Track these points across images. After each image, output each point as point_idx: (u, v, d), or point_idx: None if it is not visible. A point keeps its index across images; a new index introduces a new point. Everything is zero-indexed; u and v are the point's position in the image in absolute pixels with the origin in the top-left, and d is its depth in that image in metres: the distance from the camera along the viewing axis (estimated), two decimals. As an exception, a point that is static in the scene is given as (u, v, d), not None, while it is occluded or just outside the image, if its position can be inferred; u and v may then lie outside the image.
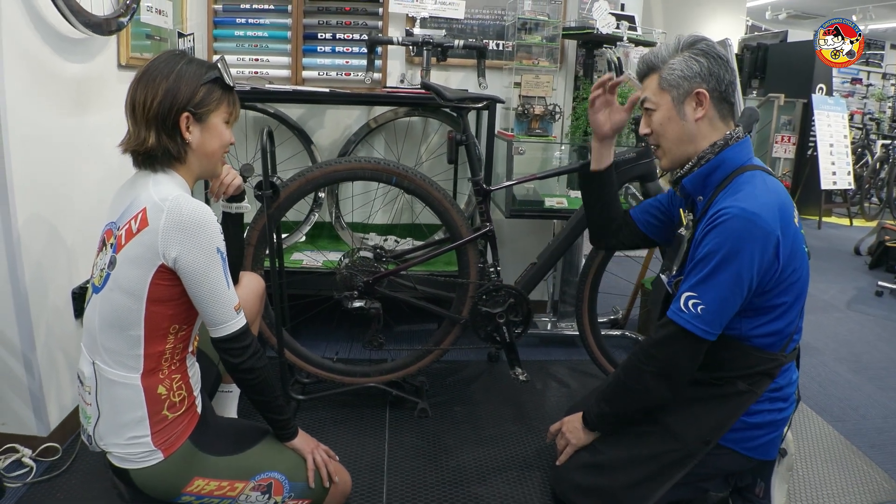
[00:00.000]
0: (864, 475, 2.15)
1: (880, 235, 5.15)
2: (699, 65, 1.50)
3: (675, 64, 1.53)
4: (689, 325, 1.48)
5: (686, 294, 1.49)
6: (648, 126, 1.62)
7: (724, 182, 1.52)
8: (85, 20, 1.86)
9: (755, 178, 1.49)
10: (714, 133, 1.55)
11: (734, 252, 1.41)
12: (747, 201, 1.43)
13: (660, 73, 1.56)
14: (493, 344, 2.34)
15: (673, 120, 1.56)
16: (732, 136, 1.54)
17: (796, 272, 1.50)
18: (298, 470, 1.54)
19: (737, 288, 1.44)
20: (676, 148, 1.59)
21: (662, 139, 1.60)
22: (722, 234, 1.43)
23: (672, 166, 1.64)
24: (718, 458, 1.61)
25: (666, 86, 1.55)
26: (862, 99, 11.33)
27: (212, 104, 1.40)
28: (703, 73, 1.51)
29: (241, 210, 1.79)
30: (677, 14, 7.67)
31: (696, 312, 1.47)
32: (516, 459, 2.13)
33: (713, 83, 1.51)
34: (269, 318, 2.22)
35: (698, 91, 1.51)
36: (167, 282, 1.33)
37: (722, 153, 1.53)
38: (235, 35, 3.00)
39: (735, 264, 1.42)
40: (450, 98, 2.15)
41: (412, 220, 3.19)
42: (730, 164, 1.53)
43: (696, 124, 1.54)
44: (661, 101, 1.57)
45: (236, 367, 1.41)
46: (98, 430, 1.39)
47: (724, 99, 1.54)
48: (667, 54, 1.55)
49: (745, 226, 1.41)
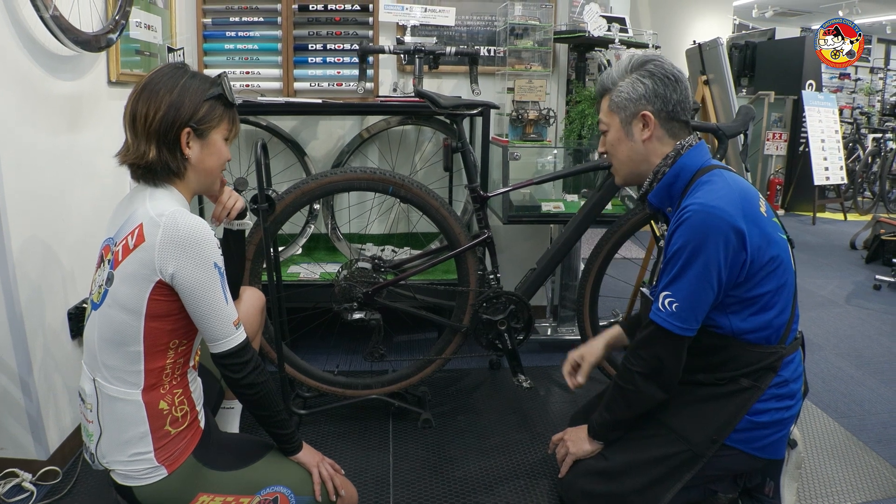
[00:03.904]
0: (872, 470, 2.14)
1: (875, 229, 5.17)
2: (644, 87, 1.55)
3: (623, 87, 1.58)
4: (666, 324, 1.52)
5: (663, 294, 1.53)
6: (603, 146, 1.69)
7: (686, 188, 1.56)
8: (74, 37, 1.85)
9: (713, 175, 1.53)
10: (665, 149, 1.60)
11: (699, 246, 1.45)
12: (707, 196, 1.47)
13: (610, 94, 1.62)
14: (494, 351, 2.33)
15: (622, 141, 1.62)
16: (683, 145, 1.58)
17: (774, 260, 1.52)
18: (304, 484, 1.52)
19: (706, 281, 1.47)
20: (626, 167, 1.65)
21: (614, 158, 1.67)
22: (686, 231, 1.46)
23: (625, 183, 1.73)
24: (727, 459, 1.60)
25: (614, 108, 1.61)
26: (851, 94, 11.42)
27: (213, 121, 1.39)
28: (648, 95, 1.55)
29: (243, 227, 1.77)
30: (665, 15, 7.70)
31: (672, 310, 1.51)
32: (523, 468, 2.12)
33: (658, 104, 1.56)
34: (268, 332, 2.20)
35: (644, 113, 1.56)
36: (165, 297, 1.31)
37: (677, 162, 1.58)
38: (225, 48, 2.99)
39: (702, 258, 1.45)
40: (444, 105, 2.14)
41: (409, 229, 3.18)
42: (688, 170, 1.57)
43: (644, 144, 1.59)
44: (611, 122, 1.63)
45: (237, 383, 1.39)
46: (100, 447, 1.37)
47: (672, 118, 1.58)
48: (617, 76, 1.61)
49: (705, 219, 1.44)
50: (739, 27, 11.02)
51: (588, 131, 2.87)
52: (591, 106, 2.88)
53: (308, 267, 2.81)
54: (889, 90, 11.76)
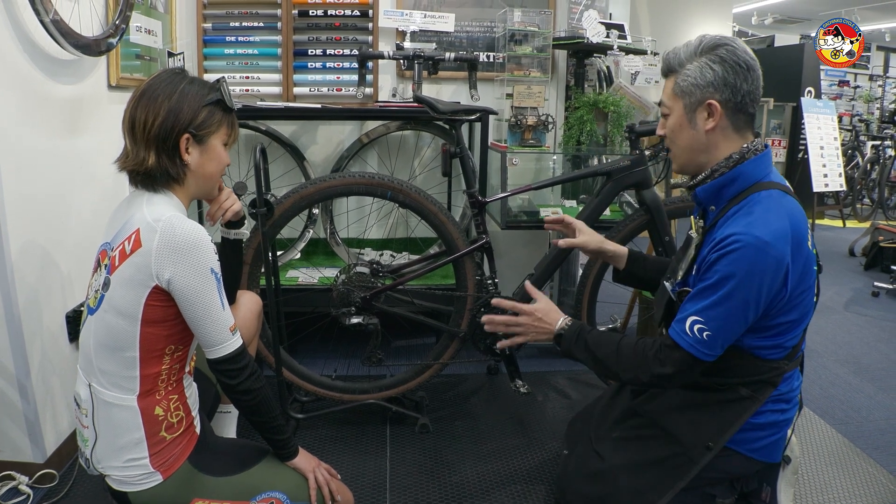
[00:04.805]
0: (869, 477, 2.14)
1: (874, 236, 5.17)
2: (713, 73, 1.45)
3: (690, 70, 1.48)
4: (692, 349, 1.46)
5: (692, 318, 1.46)
6: (663, 128, 1.59)
7: (738, 196, 1.49)
8: (74, 41, 1.85)
9: (771, 198, 1.45)
10: (728, 145, 1.50)
11: (744, 282, 1.39)
12: (760, 228, 1.39)
13: (676, 76, 1.51)
14: (492, 357, 2.33)
15: (684, 128, 1.52)
16: (749, 150, 1.49)
17: (805, 292, 1.49)
18: (300, 489, 1.51)
19: (741, 316, 1.43)
20: (686, 155, 1.56)
21: (673, 145, 1.57)
22: (734, 263, 1.39)
23: (682, 171, 1.61)
24: (723, 461, 1.59)
25: (679, 92, 1.50)
26: (850, 101, 11.43)
27: (213, 126, 1.39)
28: (717, 83, 1.45)
29: (240, 236, 1.77)
30: (664, 21, 7.71)
31: (701, 338, 1.45)
32: (519, 473, 2.11)
33: (727, 94, 1.45)
34: (266, 336, 2.20)
35: (710, 102, 1.46)
36: (161, 303, 1.31)
37: (738, 167, 1.49)
38: (225, 53, 3.00)
39: (743, 293, 1.40)
40: (443, 111, 2.15)
41: (407, 234, 3.18)
42: (746, 179, 1.49)
43: (707, 135, 1.49)
44: (674, 106, 1.53)
45: (233, 389, 1.39)
46: (96, 452, 1.37)
47: (739, 110, 1.48)
48: (685, 57, 1.50)
49: (756, 256, 1.37)
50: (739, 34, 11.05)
51: (586, 137, 2.88)
52: (589, 112, 2.89)
53: (306, 271, 2.81)
54: (888, 97, 11.77)
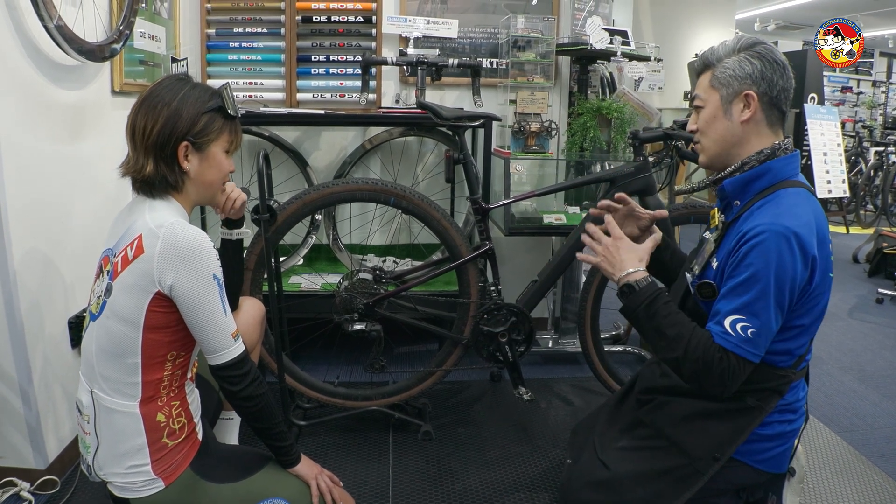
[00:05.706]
0: (875, 485, 2.12)
1: (878, 242, 5.16)
2: (752, 66, 1.49)
3: (729, 63, 1.51)
4: (741, 350, 1.42)
5: (733, 317, 1.43)
6: (695, 123, 1.60)
7: (765, 191, 1.50)
8: (78, 47, 1.86)
9: (799, 195, 1.47)
10: (760, 139, 1.53)
11: (779, 272, 1.38)
12: (788, 219, 1.40)
13: (713, 70, 1.54)
14: (495, 363, 2.32)
15: (719, 119, 1.54)
16: (780, 148, 1.51)
17: (822, 295, 1.49)
18: (302, 496, 1.51)
19: (779, 307, 1.42)
20: (717, 146, 1.57)
21: (705, 137, 1.58)
22: (766, 255, 1.39)
23: (708, 165, 1.62)
24: (730, 472, 1.58)
25: (716, 83, 1.53)
26: (853, 107, 11.42)
27: (212, 134, 1.38)
28: (755, 76, 1.48)
29: (241, 236, 1.77)
30: (667, 27, 7.72)
31: (746, 336, 1.42)
32: (523, 481, 2.10)
33: (764, 87, 1.49)
34: (269, 342, 2.20)
35: (747, 93, 1.49)
36: (164, 309, 1.31)
37: (769, 163, 1.51)
38: (229, 59, 3.00)
39: (779, 283, 1.39)
40: (446, 117, 2.15)
41: (410, 240, 3.18)
42: (775, 175, 1.50)
43: (742, 126, 1.52)
44: (709, 98, 1.55)
45: (235, 395, 1.38)
46: (98, 459, 1.37)
47: (774, 105, 1.51)
48: (723, 53, 1.54)
49: (788, 245, 1.38)
50: (741, 40, 11.03)
51: (590, 143, 2.88)
52: (592, 118, 2.88)
53: (309, 277, 2.80)
54: (891, 103, 11.77)
